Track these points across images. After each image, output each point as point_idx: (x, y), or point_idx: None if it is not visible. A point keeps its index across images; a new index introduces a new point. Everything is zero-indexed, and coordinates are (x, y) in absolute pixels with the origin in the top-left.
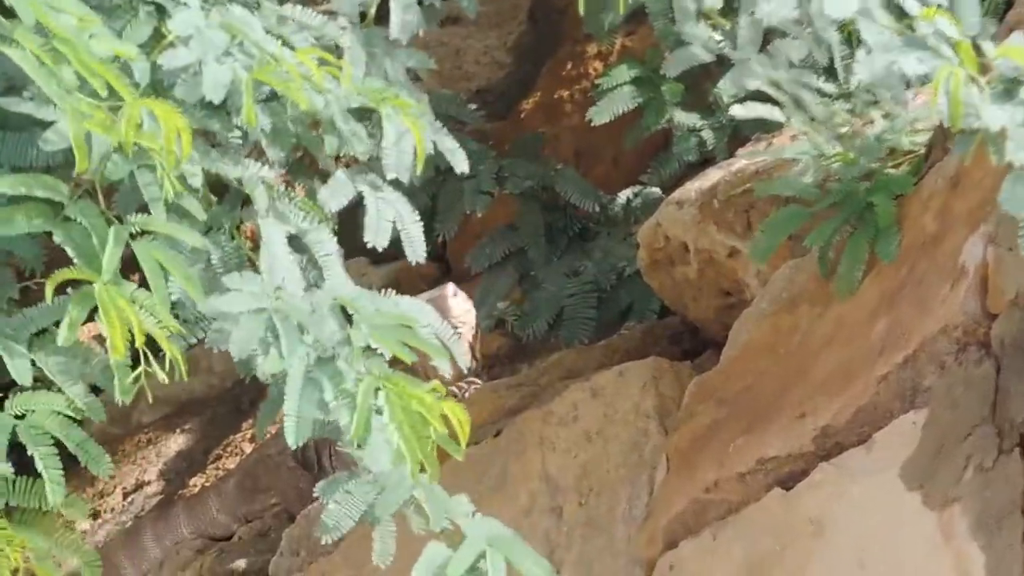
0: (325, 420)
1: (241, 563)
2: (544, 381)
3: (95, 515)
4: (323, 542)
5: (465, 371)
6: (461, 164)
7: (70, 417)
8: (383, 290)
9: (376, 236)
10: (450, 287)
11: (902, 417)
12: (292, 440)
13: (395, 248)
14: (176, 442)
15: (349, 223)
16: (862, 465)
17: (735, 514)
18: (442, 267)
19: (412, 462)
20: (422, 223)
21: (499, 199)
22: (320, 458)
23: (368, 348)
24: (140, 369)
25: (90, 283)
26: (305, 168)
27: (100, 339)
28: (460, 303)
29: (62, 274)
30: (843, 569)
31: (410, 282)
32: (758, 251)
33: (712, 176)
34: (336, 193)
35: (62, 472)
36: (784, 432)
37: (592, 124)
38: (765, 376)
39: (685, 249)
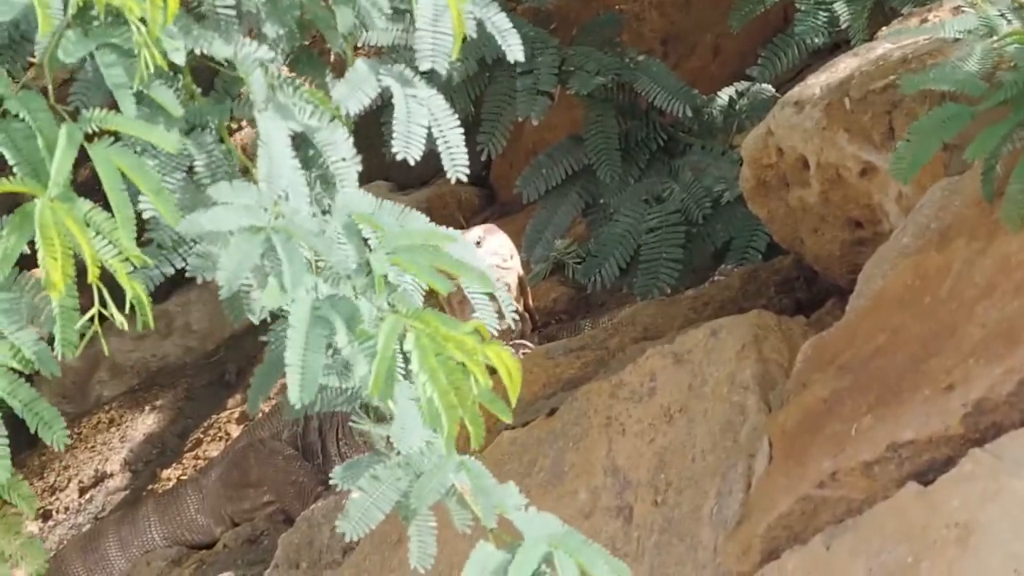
0: (339, 381)
1: None
2: (613, 343)
3: (46, 515)
4: (348, 539)
5: (511, 330)
6: (515, 51)
7: (14, 371)
8: None
9: (407, 145)
10: (475, 232)
11: None
12: (296, 398)
13: (425, 167)
14: (145, 423)
15: (364, 138)
16: None
17: (857, 516)
18: (485, 193)
19: (450, 423)
20: (463, 131)
21: (561, 101)
22: (325, 444)
23: (389, 282)
24: (93, 311)
25: (33, 200)
26: (315, 60)
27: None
28: (496, 245)
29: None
30: None
31: (445, 211)
32: (901, 165)
33: (844, 66)
34: (356, 89)
35: (7, 443)
36: (925, 408)
37: None
38: (902, 334)
39: (804, 165)
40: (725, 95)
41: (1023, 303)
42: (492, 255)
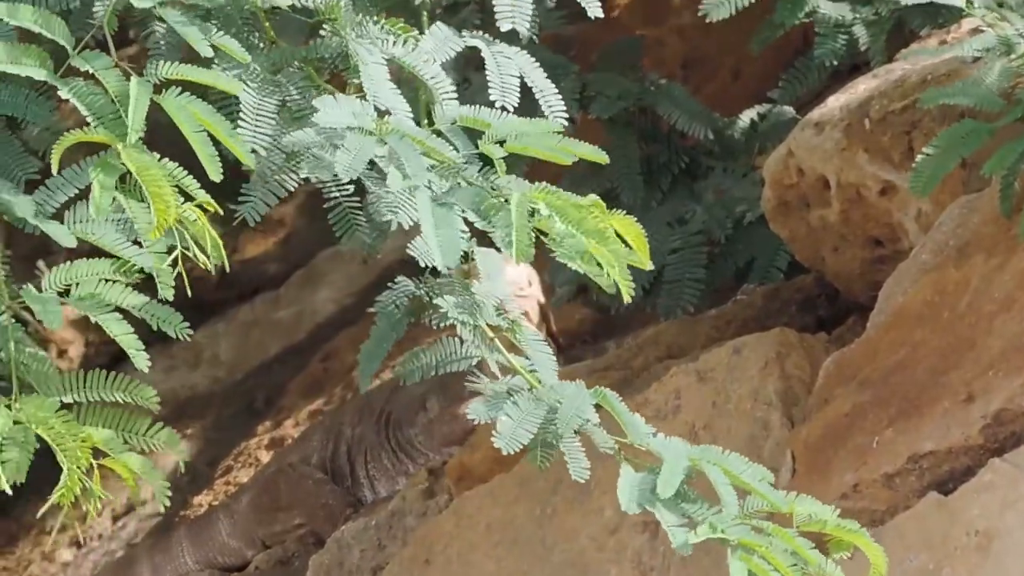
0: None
1: None
2: (637, 363)
3: (78, 544)
4: (504, 452)
5: None
6: (595, 8)
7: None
8: None
9: (504, 94)
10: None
11: None
12: (441, 262)
13: None
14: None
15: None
16: None
17: (879, 526)
18: None
19: (606, 259)
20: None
21: (583, 126)
22: (353, 467)
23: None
24: (176, 252)
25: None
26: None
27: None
28: (512, 274)
29: (74, 136)
30: None
31: None
32: (920, 181)
33: (863, 88)
34: (442, 43)
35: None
36: (945, 420)
37: (707, 22)
38: (922, 348)
39: (825, 185)
40: (746, 117)
41: None
42: (508, 284)
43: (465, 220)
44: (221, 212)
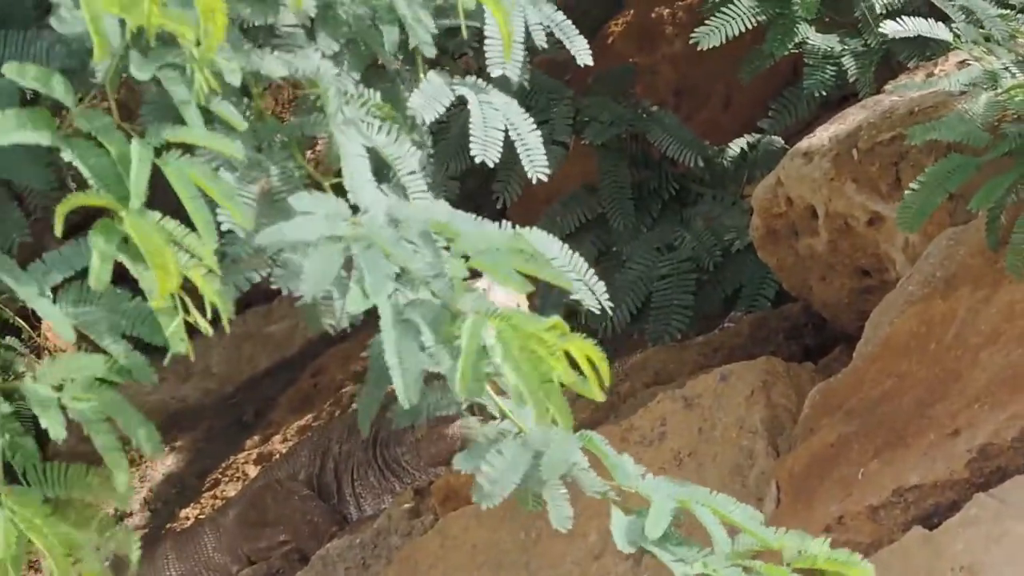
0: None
1: None
2: (624, 388)
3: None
4: (483, 508)
5: None
6: (584, 55)
7: (108, 382)
8: None
9: (485, 148)
10: (481, 282)
11: None
12: (403, 399)
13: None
14: (164, 463)
15: None
16: None
17: (864, 559)
18: None
19: (538, 410)
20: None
21: (575, 151)
22: (340, 485)
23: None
24: (178, 319)
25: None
26: (384, 74)
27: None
28: (501, 296)
29: (76, 199)
30: None
31: None
32: (908, 215)
33: (852, 118)
34: (431, 99)
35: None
36: (931, 453)
37: (699, 50)
38: (908, 379)
39: (813, 215)
40: (736, 146)
41: None
42: (508, 293)
43: None
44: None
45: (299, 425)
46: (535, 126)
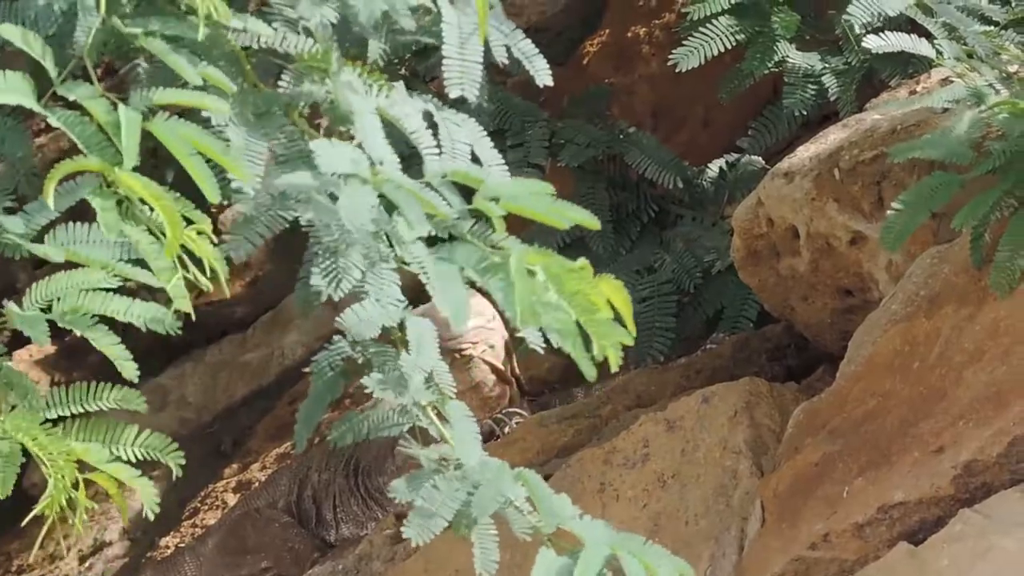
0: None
1: None
2: (606, 411)
3: None
4: (413, 544)
5: (501, 394)
6: (543, 76)
7: (107, 290)
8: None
9: (454, 159)
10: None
11: None
12: (457, 324)
13: None
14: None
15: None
16: (1016, 513)
17: None
18: None
19: (601, 340)
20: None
21: (552, 174)
22: (320, 511)
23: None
24: (176, 276)
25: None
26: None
27: None
28: (479, 306)
29: (68, 165)
30: None
31: None
32: (891, 234)
33: (833, 138)
34: (405, 100)
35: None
36: (915, 470)
37: (677, 71)
38: (892, 398)
39: (794, 235)
40: (715, 166)
41: (1011, 367)
42: (476, 315)
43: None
44: (215, 242)
45: (278, 452)
46: (492, 144)
